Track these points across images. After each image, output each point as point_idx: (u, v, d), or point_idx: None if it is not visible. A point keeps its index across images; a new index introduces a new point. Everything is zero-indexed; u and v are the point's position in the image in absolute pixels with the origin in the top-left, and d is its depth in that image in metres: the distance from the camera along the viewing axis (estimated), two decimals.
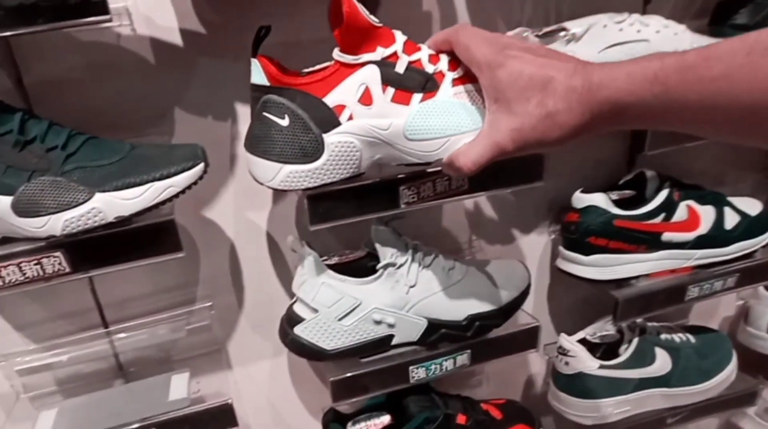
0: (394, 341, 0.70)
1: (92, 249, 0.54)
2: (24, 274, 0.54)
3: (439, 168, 0.58)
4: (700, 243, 0.80)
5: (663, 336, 0.88)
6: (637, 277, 0.80)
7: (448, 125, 0.53)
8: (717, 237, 0.80)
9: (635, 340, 0.84)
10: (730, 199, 0.84)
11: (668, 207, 0.78)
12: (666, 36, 0.67)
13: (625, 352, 0.84)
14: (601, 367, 0.82)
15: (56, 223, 0.51)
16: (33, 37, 0.59)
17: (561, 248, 0.83)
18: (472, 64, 0.49)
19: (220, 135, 0.69)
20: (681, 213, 0.79)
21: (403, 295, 0.69)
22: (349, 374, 0.69)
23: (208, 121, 0.68)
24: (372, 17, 0.52)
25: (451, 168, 0.52)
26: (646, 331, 0.86)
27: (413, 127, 0.54)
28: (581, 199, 0.78)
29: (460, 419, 0.77)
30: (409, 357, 0.71)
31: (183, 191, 0.55)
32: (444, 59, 0.54)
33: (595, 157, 0.86)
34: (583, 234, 0.78)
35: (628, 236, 0.77)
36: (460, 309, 0.70)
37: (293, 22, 0.66)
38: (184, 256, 0.69)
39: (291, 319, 0.70)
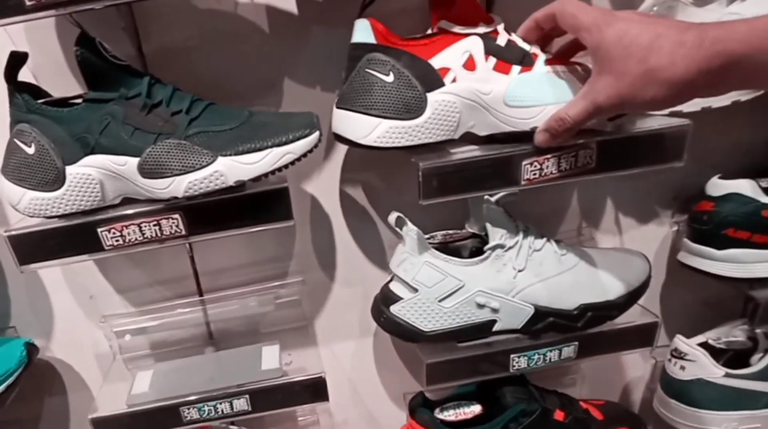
0: (496, 327, 0.71)
1: (209, 213, 0.59)
2: (143, 234, 0.60)
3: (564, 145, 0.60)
4: None
5: None
6: None
7: (545, 95, 0.60)
8: None
9: None
10: None
11: None
12: None
13: (759, 363, 0.79)
14: (728, 375, 0.79)
15: (180, 185, 0.56)
16: (154, 5, 0.64)
17: (686, 241, 0.80)
18: (580, 29, 0.53)
19: (325, 106, 0.72)
20: None
21: (510, 279, 0.69)
22: (446, 358, 0.71)
23: (315, 92, 0.72)
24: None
25: (551, 124, 0.57)
26: None
27: (513, 94, 0.60)
28: (719, 186, 0.75)
29: (558, 415, 0.77)
30: (510, 345, 0.72)
31: (299, 158, 0.58)
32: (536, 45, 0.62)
33: (733, 140, 0.81)
34: (719, 225, 0.74)
35: None
36: (571, 297, 0.70)
37: None
38: (281, 229, 0.73)
39: (387, 298, 0.72)
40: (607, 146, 0.62)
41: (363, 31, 0.60)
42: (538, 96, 0.60)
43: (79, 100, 0.59)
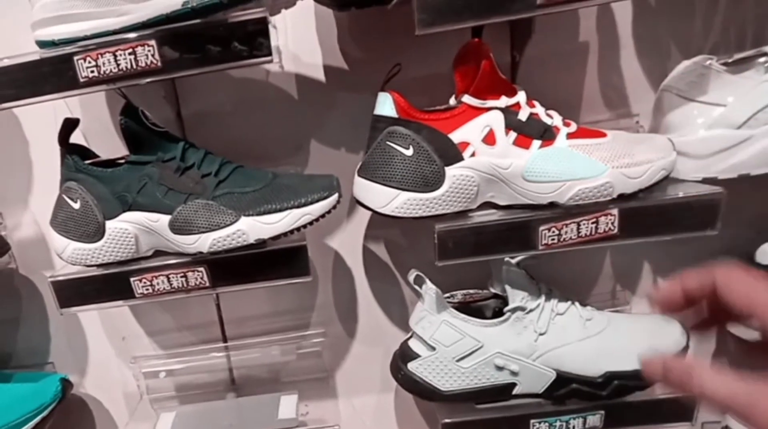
0: (517, 390, 0.73)
1: (231, 267, 0.66)
2: (171, 284, 0.67)
3: (588, 210, 0.64)
4: None
5: None
6: None
7: (565, 171, 0.64)
8: None
9: None
10: None
11: None
12: None
13: None
14: None
15: (205, 241, 0.63)
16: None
17: None
18: (757, 308, 0.42)
19: (349, 167, 0.78)
20: None
21: (531, 342, 0.72)
22: (463, 419, 0.74)
23: (341, 154, 0.79)
24: (500, 73, 0.64)
25: (672, 371, 0.44)
26: None
27: (532, 169, 0.65)
28: None
29: None
30: (531, 409, 0.74)
31: (318, 219, 0.64)
32: (557, 116, 0.66)
33: None
34: None
35: None
36: (596, 364, 0.71)
37: (423, 58, 0.75)
38: (302, 282, 0.80)
39: (405, 355, 0.76)
40: (632, 213, 0.65)
41: (385, 104, 0.66)
42: (558, 171, 0.64)
43: (122, 161, 0.69)
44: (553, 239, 0.66)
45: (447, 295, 0.77)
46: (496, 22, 0.58)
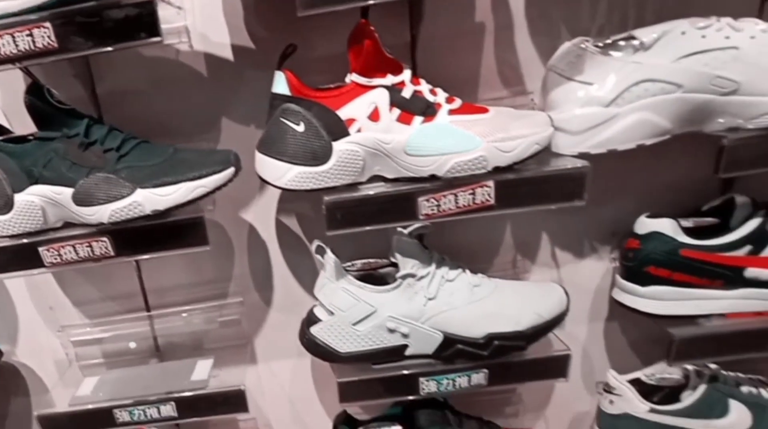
0: (409, 352, 0.81)
1: (133, 237, 0.73)
2: (78, 253, 0.74)
3: (466, 182, 0.70)
4: None
5: (744, 388, 0.88)
6: (707, 316, 0.83)
7: (442, 145, 0.70)
8: None
9: (701, 388, 0.86)
10: None
11: (757, 239, 0.79)
12: (763, 42, 0.69)
13: (686, 399, 0.86)
14: (652, 411, 0.86)
15: (104, 212, 0.70)
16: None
17: (618, 277, 0.88)
18: None
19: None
20: None
21: (420, 307, 0.79)
22: (356, 378, 0.82)
23: (251, 130, 0.85)
24: (386, 49, 0.70)
25: None
26: (718, 379, 0.87)
27: (413, 143, 0.71)
28: (645, 225, 0.82)
29: None
30: (421, 369, 0.82)
31: (213, 191, 0.71)
32: (441, 93, 0.72)
33: (677, 179, 0.88)
34: (642, 263, 0.82)
35: (697, 268, 0.80)
36: (479, 326, 0.79)
37: (322, 38, 0.81)
38: (221, 253, 0.88)
39: (309, 320, 0.84)
40: (507, 185, 0.72)
41: (279, 83, 0.72)
42: (436, 146, 0.71)
43: (31, 138, 0.75)
44: (432, 209, 0.73)
45: (348, 263, 0.85)
46: (394, 2, 0.64)
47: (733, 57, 0.68)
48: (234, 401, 0.83)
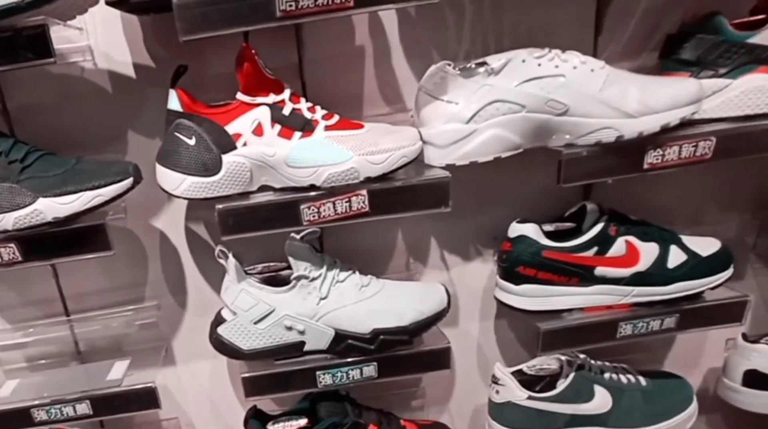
0: (307, 347, 0.88)
1: (39, 243, 0.78)
2: None
3: (342, 191, 0.77)
4: (637, 280, 0.89)
5: (607, 375, 0.97)
6: (570, 310, 0.92)
7: (318, 158, 0.78)
8: (656, 275, 0.89)
9: (571, 375, 0.94)
10: (684, 237, 0.92)
11: (602, 241, 0.89)
12: (583, 72, 0.79)
13: (559, 386, 0.95)
14: (530, 398, 0.94)
15: (9, 220, 0.75)
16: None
17: (497, 277, 0.96)
18: None
19: None
20: (618, 248, 0.89)
21: (313, 306, 0.86)
22: (258, 373, 0.88)
23: (155, 142, 0.90)
24: (267, 71, 0.77)
25: None
26: (584, 367, 0.96)
27: (292, 157, 0.78)
28: (515, 229, 0.91)
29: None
30: (318, 363, 0.88)
31: (112, 200, 0.77)
32: (320, 110, 0.80)
33: (548, 188, 0.95)
34: (513, 263, 0.91)
35: (557, 268, 0.89)
36: (366, 322, 0.86)
37: (218, 58, 0.87)
38: (135, 259, 0.94)
39: (217, 321, 0.90)
40: (379, 193, 0.80)
41: (173, 100, 0.79)
42: (312, 158, 0.78)
43: None
44: (314, 216, 0.80)
45: (250, 267, 0.91)
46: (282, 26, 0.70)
47: (561, 84, 0.78)
48: (146, 398, 0.88)
